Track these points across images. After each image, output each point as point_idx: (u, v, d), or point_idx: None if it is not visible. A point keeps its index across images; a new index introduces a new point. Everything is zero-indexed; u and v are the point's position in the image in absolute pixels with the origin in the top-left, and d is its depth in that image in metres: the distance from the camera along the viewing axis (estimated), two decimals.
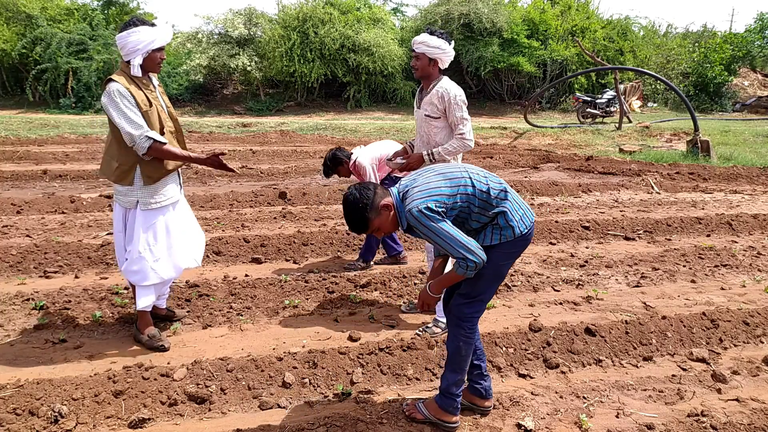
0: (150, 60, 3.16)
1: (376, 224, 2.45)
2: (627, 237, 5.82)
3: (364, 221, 2.44)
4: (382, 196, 2.44)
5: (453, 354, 2.60)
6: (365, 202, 2.40)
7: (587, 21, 20.14)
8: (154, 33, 3.10)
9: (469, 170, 2.52)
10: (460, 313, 2.55)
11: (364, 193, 2.42)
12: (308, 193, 7.29)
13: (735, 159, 10.55)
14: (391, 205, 2.45)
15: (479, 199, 2.44)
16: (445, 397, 2.62)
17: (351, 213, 2.44)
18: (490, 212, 2.46)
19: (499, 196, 2.47)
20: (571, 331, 3.51)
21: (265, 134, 13.44)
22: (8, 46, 17.15)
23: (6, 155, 9.56)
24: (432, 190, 2.37)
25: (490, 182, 2.49)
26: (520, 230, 2.48)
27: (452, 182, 2.42)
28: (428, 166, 2.61)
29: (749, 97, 22.70)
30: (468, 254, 2.31)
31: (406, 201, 2.39)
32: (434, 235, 2.32)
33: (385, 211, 2.44)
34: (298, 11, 18.09)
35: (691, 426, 2.70)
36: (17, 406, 2.66)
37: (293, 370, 3.07)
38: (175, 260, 3.37)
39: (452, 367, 2.61)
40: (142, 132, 3.04)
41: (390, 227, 2.50)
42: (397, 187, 2.51)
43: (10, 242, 5.13)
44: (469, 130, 3.51)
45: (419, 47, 3.48)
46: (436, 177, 2.45)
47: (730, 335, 3.64)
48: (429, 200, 2.33)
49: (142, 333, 3.42)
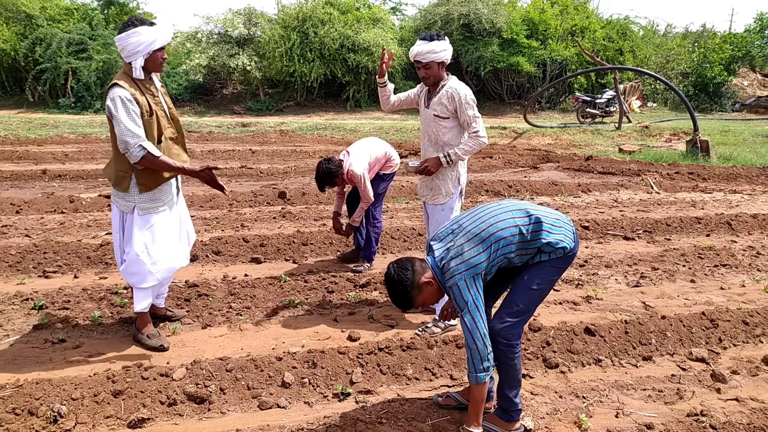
0: (152, 60, 3.12)
1: (420, 300, 2.49)
2: (626, 237, 5.82)
3: (408, 300, 2.47)
4: (420, 273, 2.45)
5: (510, 373, 2.56)
6: (405, 283, 2.43)
7: (587, 21, 20.12)
8: (154, 33, 3.05)
9: (497, 218, 2.46)
10: (509, 333, 2.50)
11: (403, 274, 2.44)
12: (308, 192, 7.28)
13: (734, 159, 10.55)
14: (432, 279, 2.46)
15: (515, 245, 2.45)
16: (510, 411, 2.62)
17: (394, 294, 2.48)
18: (531, 248, 2.48)
19: (533, 230, 2.46)
20: (570, 331, 3.51)
21: (264, 134, 13.44)
22: (8, 46, 17.14)
23: (5, 155, 9.55)
24: (470, 261, 2.38)
25: (519, 222, 2.45)
26: (570, 245, 2.50)
27: (485, 243, 2.41)
28: (455, 219, 2.57)
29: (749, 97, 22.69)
30: (483, 349, 2.36)
31: (446, 274, 2.41)
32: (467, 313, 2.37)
33: (426, 287, 2.46)
34: (297, 11, 18.08)
35: (690, 426, 2.70)
36: (16, 405, 2.66)
37: (293, 370, 3.06)
38: (171, 261, 3.35)
39: (512, 385, 2.59)
40: (137, 141, 3.00)
41: (434, 299, 2.53)
42: (432, 256, 2.49)
43: (9, 242, 5.13)
44: (482, 128, 3.53)
45: (427, 57, 3.42)
46: (468, 243, 2.41)
47: (729, 335, 3.64)
48: (468, 273, 2.37)
49: (141, 333, 3.42)
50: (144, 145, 3.03)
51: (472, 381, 2.44)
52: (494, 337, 2.48)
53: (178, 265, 3.46)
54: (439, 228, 2.60)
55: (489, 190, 7.74)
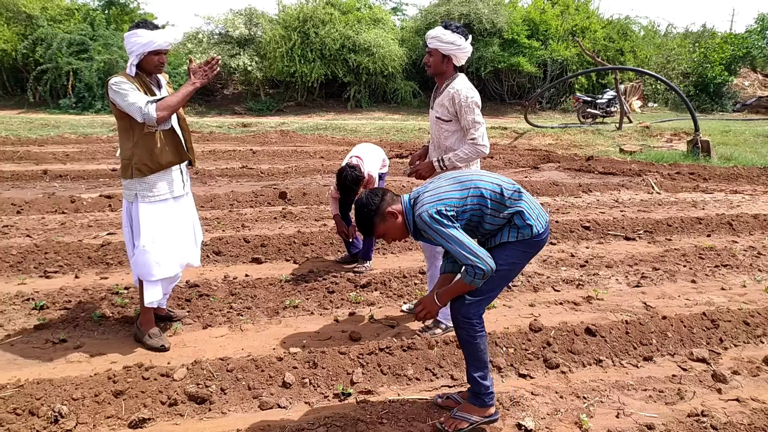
0: (146, 62, 3.20)
1: (382, 229, 2.53)
2: (627, 237, 5.82)
3: (371, 225, 2.51)
4: (389, 203, 2.50)
5: (473, 352, 2.57)
6: (371, 207, 2.49)
7: (587, 21, 20.12)
8: (150, 36, 3.13)
9: (482, 174, 2.56)
10: (468, 312, 2.52)
11: (372, 199, 2.50)
12: (308, 193, 7.28)
13: (735, 159, 10.54)
14: (398, 212, 2.50)
15: (492, 200, 2.45)
16: (481, 395, 2.61)
17: (358, 216, 2.53)
18: (505, 212, 2.47)
19: (512, 197, 2.48)
20: (571, 331, 3.51)
21: (265, 134, 13.45)
22: (9, 47, 17.15)
23: (6, 155, 9.56)
24: (442, 194, 2.41)
25: (503, 183, 2.50)
26: (538, 229, 2.49)
27: (462, 185, 2.45)
28: (440, 174, 2.60)
29: (749, 97, 22.68)
30: (477, 260, 2.32)
31: (416, 207, 2.43)
32: (444, 240, 2.35)
33: (390, 218, 2.49)
34: (298, 11, 18.09)
35: (691, 426, 2.69)
36: (17, 406, 2.66)
37: (293, 370, 3.07)
38: (178, 254, 3.40)
39: (476, 365, 2.59)
40: (143, 102, 3.08)
41: (397, 233, 2.55)
42: (409, 194, 2.55)
43: (10, 242, 5.13)
44: (481, 135, 3.30)
45: (432, 42, 3.27)
46: (446, 182, 2.50)
47: (730, 335, 3.64)
48: (439, 204, 2.37)
49: (143, 332, 3.43)
50: (150, 100, 3.11)
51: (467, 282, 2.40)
52: (454, 314, 2.54)
53: (187, 260, 3.50)
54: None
55: None
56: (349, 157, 4.58)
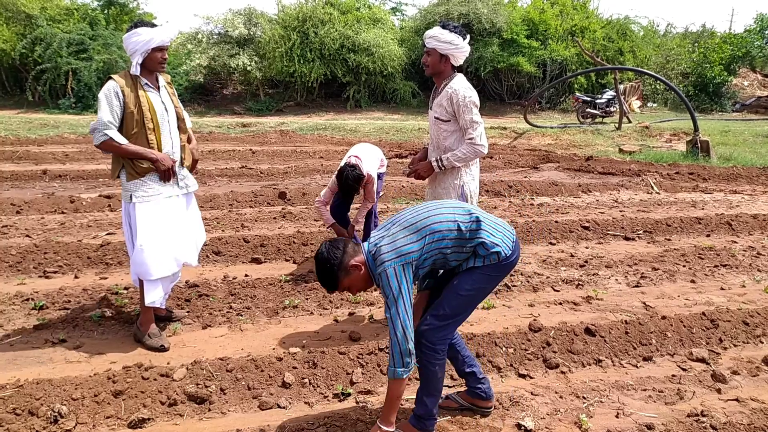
0: (150, 60, 3.25)
1: (346, 283, 2.42)
2: (627, 237, 5.82)
3: (335, 280, 2.40)
4: (351, 255, 2.39)
5: (430, 379, 2.49)
6: (334, 263, 2.36)
7: (587, 21, 20.12)
8: (151, 32, 3.19)
9: (437, 213, 2.42)
10: (434, 337, 2.44)
11: (333, 253, 2.37)
12: (308, 193, 7.28)
13: (735, 159, 10.55)
14: (361, 263, 2.39)
15: (451, 240, 2.39)
16: (423, 419, 2.53)
17: (321, 273, 2.40)
18: (467, 246, 2.42)
19: (471, 229, 2.40)
20: (570, 331, 3.51)
21: (264, 134, 13.44)
22: (8, 46, 17.13)
23: (5, 155, 9.56)
24: (401, 248, 2.32)
25: (458, 218, 2.41)
26: (505, 252, 2.43)
27: (419, 233, 2.35)
28: (398, 213, 2.50)
29: (749, 97, 22.69)
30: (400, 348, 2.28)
31: (377, 261, 2.34)
32: (392, 304, 2.30)
33: (354, 271, 2.39)
34: (297, 11, 18.08)
35: (690, 426, 2.70)
36: (17, 406, 2.66)
37: (293, 370, 3.07)
38: (176, 254, 3.41)
39: (430, 392, 2.51)
40: (103, 129, 3.14)
41: (362, 285, 2.45)
42: (368, 242, 2.44)
43: (9, 242, 5.13)
44: (479, 135, 3.29)
45: (430, 42, 3.28)
46: (402, 230, 2.37)
47: (729, 335, 3.64)
48: (399, 260, 2.30)
49: (143, 332, 3.43)
50: (107, 132, 3.15)
51: (389, 375, 2.36)
52: (417, 338, 2.42)
53: (185, 259, 3.50)
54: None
55: (489, 190, 7.74)
56: (348, 157, 4.56)
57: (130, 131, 3.23)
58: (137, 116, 3.22)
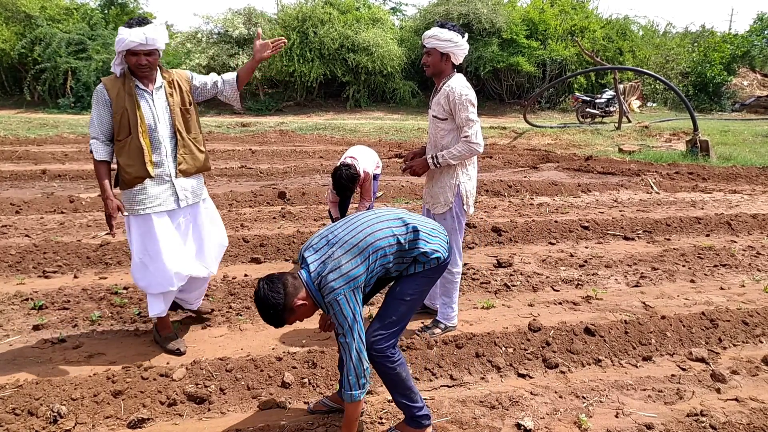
0: (127, 62, 3.04)
1: (293, 320, 2.34)
2: (626, 237, 5.82)
3: (281, 322, 2.31)
4: (293, 295, 2.27)
5: (395, 381, 2.46)
6: (278, 308, 2.25)
7: (586, 21, 20.13)
8: (125, 33, 2.92)
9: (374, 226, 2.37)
10: (384, 345, 2.40)
11: (275, 298, 2.23)
12: (307, 192, 7.28)
13: (734, 159, 10.55)
14: (306, 300, 2.30)
15: (393, 255, 2.38)
16: (415, 417, 2.53)
17: (265, 316, 2.29)
18: (407, 256, 2.42)
19: (409, 239, 2.41)
20: (570, 331, 3.51)
21: (264, 134, 13.44)
22: (7, 46, 17.13)
23: (5, 155, 9.55)
24: (346, 273, 2.25)
25: (396, 230, 2.38)
26: (443, 255, 2.47)
27: (362, 253, 2.29)
28: (329, 228, 2.43)
29: (748, 97, 22.70)
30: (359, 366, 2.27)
31: (324, 290, 2.26)
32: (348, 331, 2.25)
33: (300, 309, 2.30)
34: (297, 11, 18.08)
35: (690, 426, 2.70)
36: (16, 406, 2.66)
37: (293, 370, 3.06)
38: (175, 270, 3.18)
39: (404, 393, 2.49)
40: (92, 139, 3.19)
41: (309, 314, 2.38)
42: (308, 272, 2.31)
43: (9, 242, 5.12)
44: (475, 133, 3.29)
45: (430, 42, 3.29)
46: (344, 252, 2.28)
47: (729, 335, 3.64)
48: (349, 285, 2.24)
49: (161, 336, 3.42)
50: (91, 143, 3.18)
51: (346, 399, 2.33)
52: (368, 350, 2.37)
53: (188, 272, 3.27)
54: (313, 236, 2.43)
55: (489, 190, 7.74)
56: (344, 158, 4.67)
57: (118, 136, 3.11)
58: (123, 121, 3.08)
